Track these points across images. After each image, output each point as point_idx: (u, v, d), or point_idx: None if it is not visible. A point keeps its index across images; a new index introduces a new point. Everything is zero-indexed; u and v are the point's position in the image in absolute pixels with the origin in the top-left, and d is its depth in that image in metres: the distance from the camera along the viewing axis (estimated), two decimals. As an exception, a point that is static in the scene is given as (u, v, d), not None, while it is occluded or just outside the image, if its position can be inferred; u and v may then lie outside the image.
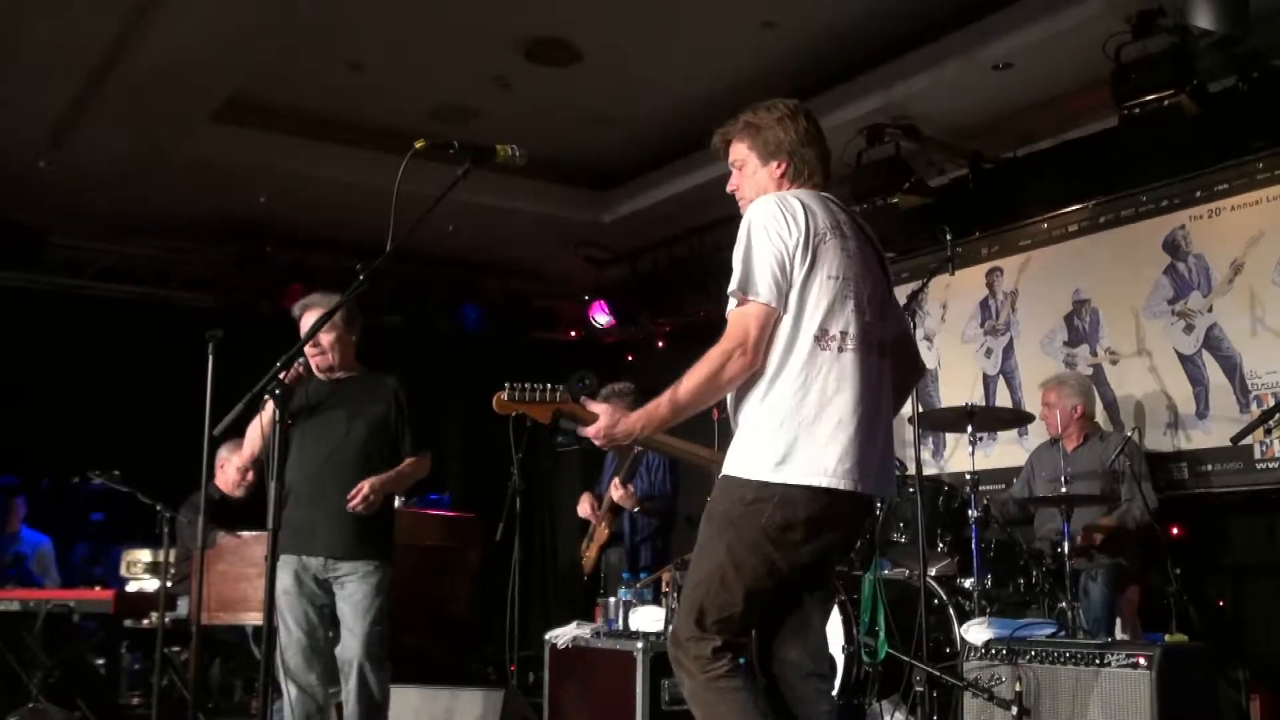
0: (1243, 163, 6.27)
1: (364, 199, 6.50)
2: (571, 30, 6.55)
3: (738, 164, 3.41)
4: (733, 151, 3.42)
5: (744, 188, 3.39)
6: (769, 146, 3.33)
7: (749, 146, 3.37)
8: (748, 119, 3.39)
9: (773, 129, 3.33)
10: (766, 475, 3.02)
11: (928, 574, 5.39)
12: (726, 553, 3.04)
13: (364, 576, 4.64)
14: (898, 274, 7.93)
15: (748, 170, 3.37)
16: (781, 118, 3.32)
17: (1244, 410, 6.12)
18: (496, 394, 3.29)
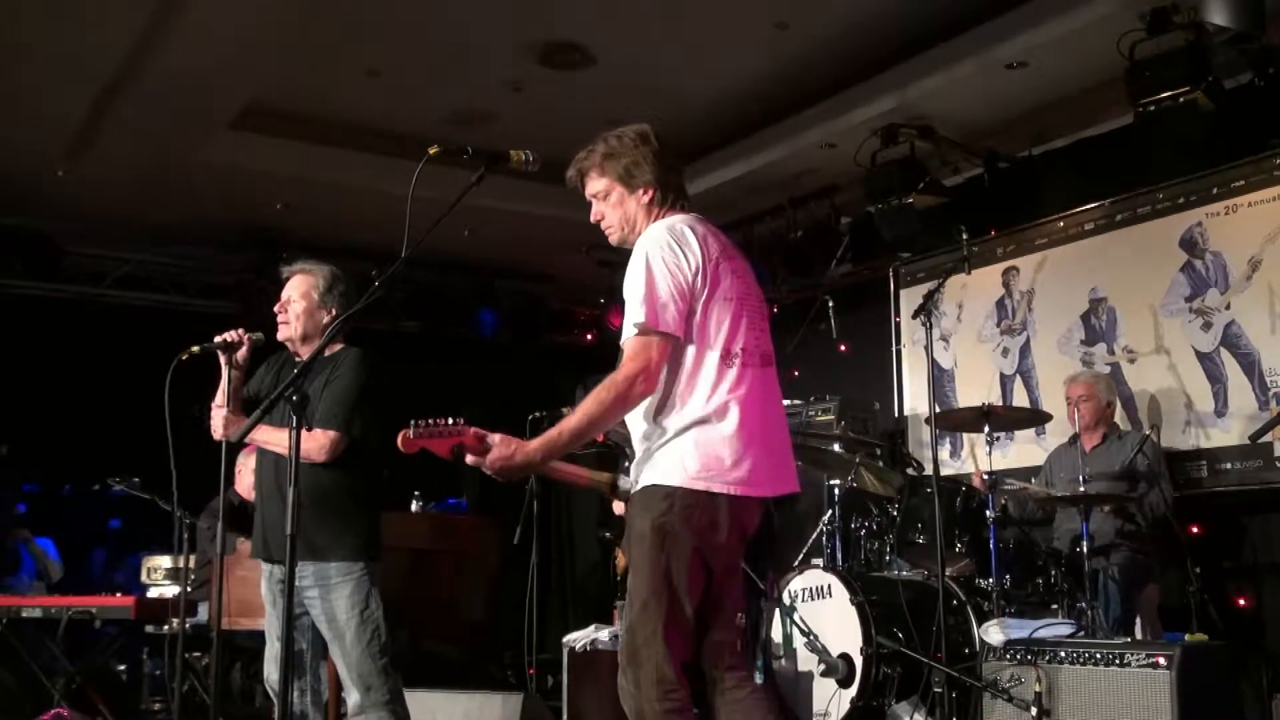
0: (1259, 159, 6.23)
1: (380, 204, 6.52)
2: (584, 34, 6.56)
3: (600, 195, 3.42)
4: (593, 183, 3.43)
5: (610, 218, 3.42)
6: (633, 174, 3.37)
7: (613, 176, 3.39)
8: (605, 149, 3.41)
9: (633, 155, 3.37)
10: (690, 483, 3.11)
11: (946, 574, 5.38)
12: (668, 564, 3.09)
13: (333, 585, 4.14)
14: (914, 274, 7.97)
15: (613, 200, 3.41)
16: (638, 144, 3.38)
17: (1263, 408, 6.08)
18: (402, 432, 3.26)
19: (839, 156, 7.44)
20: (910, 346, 7.91)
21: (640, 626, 3.09)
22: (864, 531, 6.12)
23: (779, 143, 7.57)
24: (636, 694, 3.08)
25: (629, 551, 3.18)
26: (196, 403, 4.54)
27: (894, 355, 7.98)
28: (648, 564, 3.10)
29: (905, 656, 5.29)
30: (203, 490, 5.77)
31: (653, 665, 3.06)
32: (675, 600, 3.07)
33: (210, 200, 8.29)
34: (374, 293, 3.31)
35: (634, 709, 3.09)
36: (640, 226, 3.36)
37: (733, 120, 7.58)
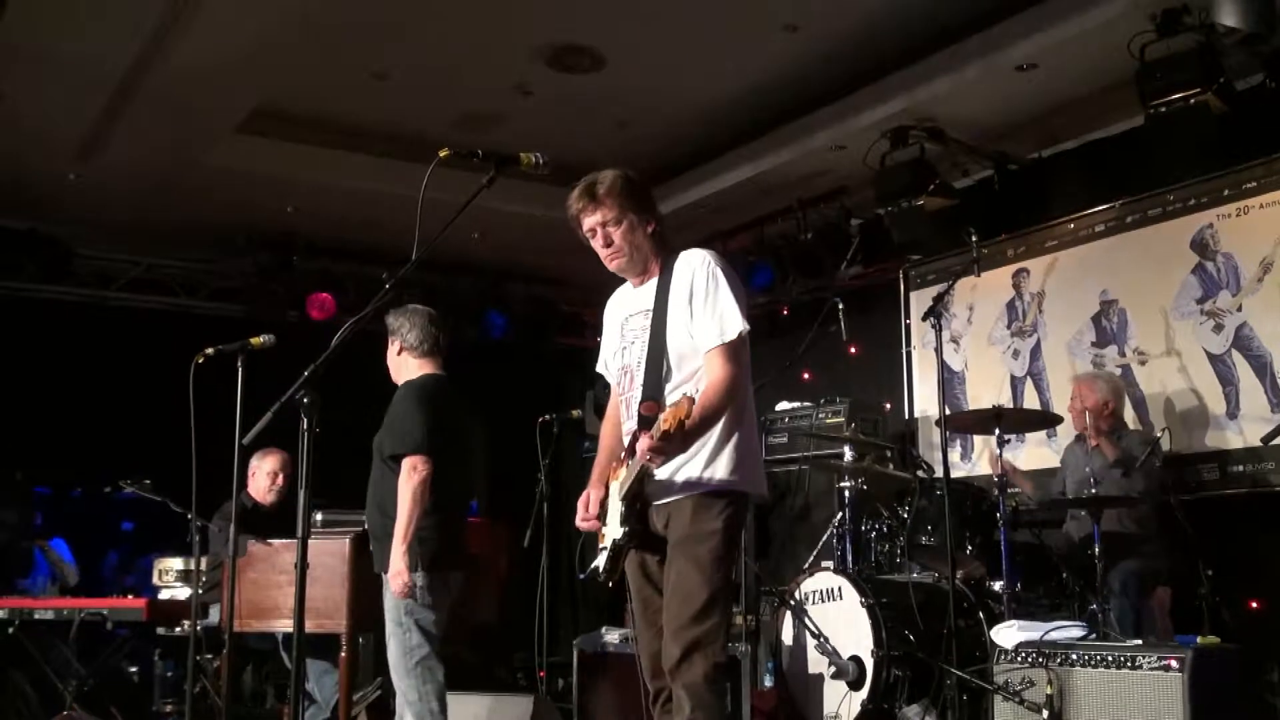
0: (1271, 160, 6.22)
1: (390, 207, 6.56)
2: (594, 37, 6.57)
3: (613, 221, 3.54)
4: (608, 210, 3.54)
5: (619, 244, 3.56)
6: (646, 205, 3.59)
7: (629, 206, 3.55)
8: (623, 175, 3.58)
9: (645, 190, 3.61)
10: (740, 486, 3.42)
11: (956, 577, 5.37)
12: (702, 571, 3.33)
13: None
14: (924, 276, 7.96)
15: (625, 228, 3.55)
16: (644, 181, 3.64)
17: (1275, 409, 6.07)
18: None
19: (849, 158, 7.43)
20: (920, 348, 7.90)
21: (705, 620, 3.29)
22: (875, 534, 6.12)
23: (789, 145, 7.56)
24: (699, 685, 3.26)
25: (681, 550, 3.35)
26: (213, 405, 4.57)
27: (904, 357, 7.97)
28: (713, 562, 3.33)
29: (916, 659, 5.29)
30: (215, 492, 5.78)
31: (714, 658, 3.29)
32: (731, 597, 3.37)
33: (220, 204, 8.32)
34: (385, 295, 3.31)
35: (693, 698, 3.25)
36: (647, 254, 3.60)
37: (742, 122, 7.58)
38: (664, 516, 3.45)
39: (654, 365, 3.46)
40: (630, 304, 3.68)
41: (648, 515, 3.47)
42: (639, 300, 3.64)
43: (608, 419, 3.78)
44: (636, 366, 3.54)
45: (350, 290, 9.16)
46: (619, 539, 3.46)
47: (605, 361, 3.79)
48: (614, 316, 3.75)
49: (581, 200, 3.56)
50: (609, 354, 3.75)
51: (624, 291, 3.77)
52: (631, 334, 3.61)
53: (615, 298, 3.81)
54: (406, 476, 4.51)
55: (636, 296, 3.66)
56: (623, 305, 3.73)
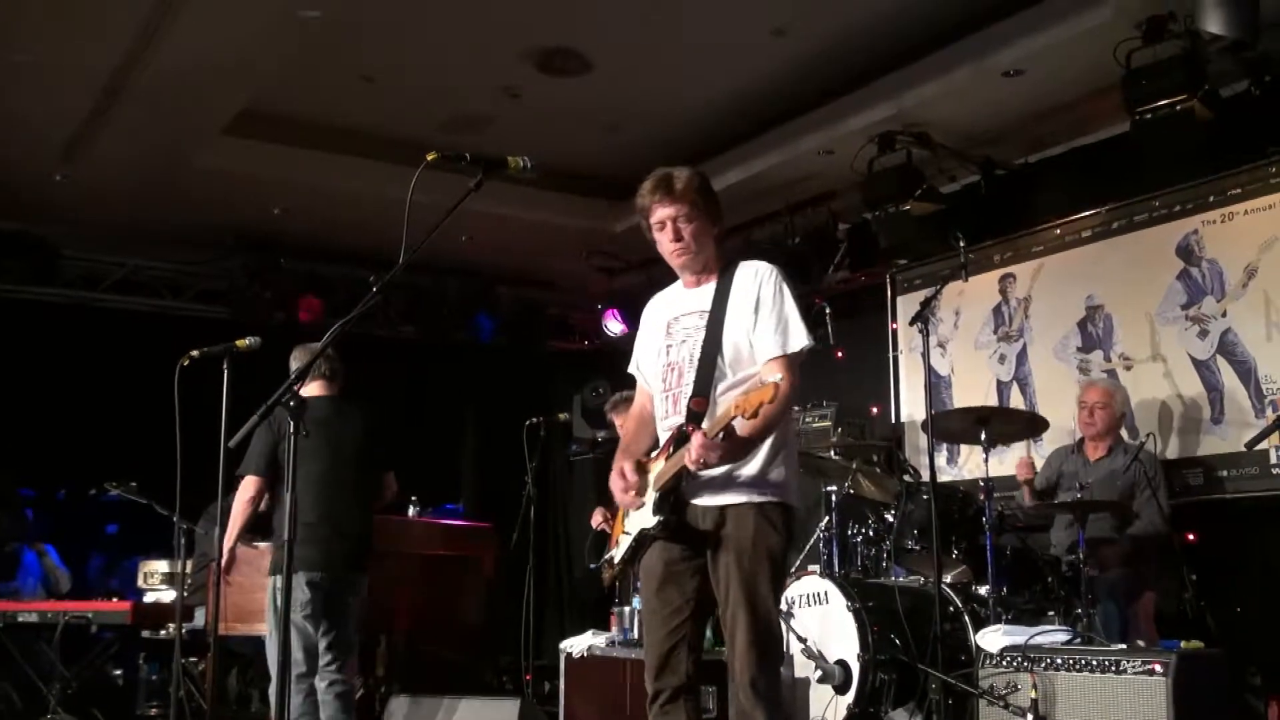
0: (1256, 166, 6.25)
1: (377, 210, 6.53)
2: (582, 40, 6.57)
3: (685, 217, 3.56)
4: (684, 206, 3.55)
5: (688, 240, 3.57)
6: (716, 209, 3.63)
7: (703, 206, 3.58)
8: (701, 175, 3.63)
9: (716, 195, 3.63)
10: (789, 499, 3.48)
11: (943, 581, 5.38)
12: (771, 585, 3.42)
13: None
14: (911, 280, 7.99)
15: (696, 229, 3.57)
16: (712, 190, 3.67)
17: (1259, 415, 6.10)
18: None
19: (837, 163, 7.44)
20: (907, 353, 7.92)
21: (775, 631, 3.45)
22: (861, 538, 6.13)
23: (777, 149, 7.57)
24: (775, 698, 3.39)
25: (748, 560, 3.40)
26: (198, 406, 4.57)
27: (891, 362, 7.99)
28: (773, 574, 3.43)
29: (902, 663, 5.30)
30: (201, 495, 5.76)
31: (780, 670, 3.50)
32: (776, 615, 3.46)
33: (206, 205, 8.29)
34: (372, 298, 3.31)
35: (766, 704, 3.34)
36: (709, 256, 3.62)
37: (730, 126, 7.59)
38: (713, 518, 3.45)
39: (707, 364, 3.49)
40: (680, 304, 3.69)
41: (683, 508, 3.48)
42: (693, 301, 3.64)
43: (634, 415, 3.81)
44: (688, 364, 3.55)
45: (337, 293, 9.15)
46: (650, 528, 3.46)
47: (639, 362, 3.80)
48: (658, 316, 3.75)
49: (658, 192, 3.57)
50: (646, 353, 3.75)
51: (672, 292, 3.78)
52: (683, 333, 3.61)
53: (660, 298, 3.81)
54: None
55: (689, 297, 3.67)
56: (670, 305, 3.73)
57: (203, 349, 4.57)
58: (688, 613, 3.48)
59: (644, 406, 3.76)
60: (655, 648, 3.49)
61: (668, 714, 3.44)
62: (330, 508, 5.19)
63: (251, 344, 4.47)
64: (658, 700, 3.47)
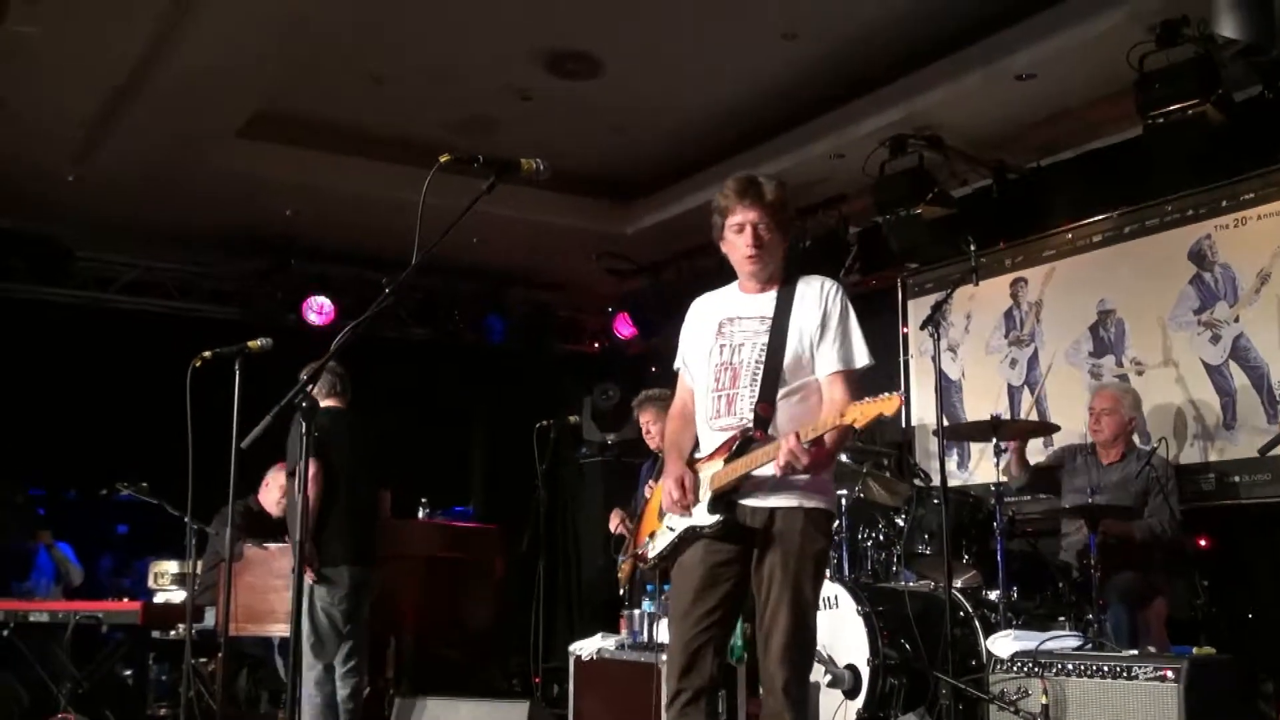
0: (1269, 171, 6.22)
1: (388, 211, 6.56)
2: (592, 43, 6.58)
3: (766, 226, 3.62)
4: (769, 213, 3.61)
5: (765, 245, 3.63)
6: (791, 223, 3.72)
7: (784, 217, 3.66)
8: (784, 186, 3.67)
9: (791, 205, 3.69)
10: (830, 506, 3.61)
11: (953, 586, 5.37)
12: (814, 590, 3.53)
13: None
14: (922, 284, 7.97)
15: (774, 238, 3.65)
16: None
17: (1272, 421, 6.07)
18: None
19: (848, 166, 7.44)
20: (918, 357, 7.90)
21: (811, 634, 3.53)
22: (871, 542, 6.12)
23: (788, 153, 7.57)
24: (805, 695, 3.48)
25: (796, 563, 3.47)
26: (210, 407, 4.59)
27: (901, 365, 7.97)
28: (817, 578, 3.55)
29: (912, 668, 5.29)
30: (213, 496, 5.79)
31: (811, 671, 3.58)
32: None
33: (219, 206, 8.31)
34: (384, 300, 3.31)
35: (796, 708, 3.42)
36: (777, 265, 3.69)
37: (741, 130, 7.59)
38: (762, 518, 3.52)
39: (772, 370, 3.56)
40: (737, 307, 3.74)
41: (736, 507, 3.54)
42: (753, 306, 3.70)
43: (677, 413, 3.86)
44: (745, 368, 3.61)
45: (349, 295, 9.16)
46: (706, 526, 3.52)
47: (685, 359, 3.86)
48: (709, 315, 3.80)
49: (745, 196, 3.62)
50: (695, 351, 3.79)
51: (726, 294, 3.83)
52: (740, 335, 3.67)
53: (711, 298, 3.87)
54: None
55: (748, 301, 3.73)
56: (724, 306, 3.78)
57: (215, 350, 4.59)
58: (720, 615, 3.52)
59: (686, 403, 3.82)
60: (684, 648, 3.51)
61: (687, 715, 3.46)
62: (356, 506, 5.49)
63: (264, 345, 4.49)
64: (678, 700, 3.48)
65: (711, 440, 3.64)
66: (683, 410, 3.83)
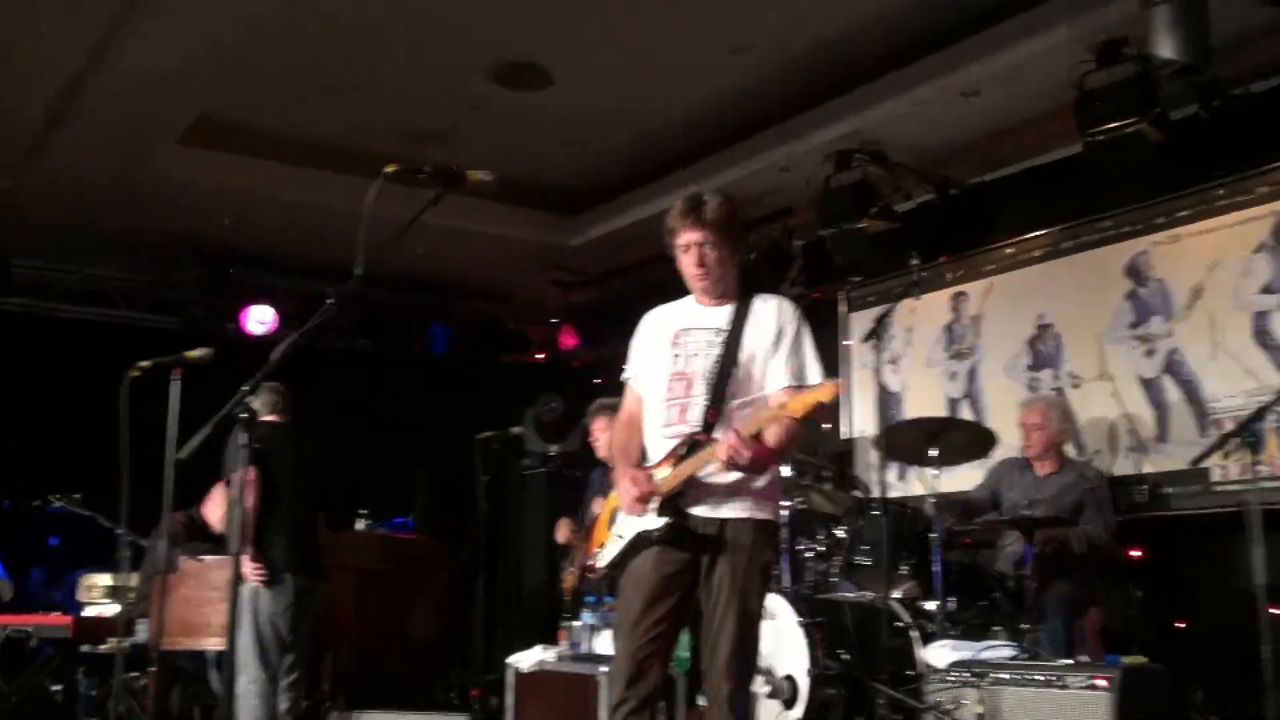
0: (1203, 189, 6.35)
1: (333, 221, 6.50)
2: (543, 55, 6.57)
3: (711, 245, 3.66)
4: (711, 233, 3.65)
5: (713, 266, 3.68)
6: (740, 237, 3.76)
7: (729, 234, 3.69)
8: (730, 203, 3.70)
9: (741, 219, 3.73)
10: (778, 518, 3.68)
11: (892, 597, 5.41)
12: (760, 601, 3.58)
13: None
14: (864, 297, 8.03)
15: (720, 256, 3.69)
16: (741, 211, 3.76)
17: (1203, 434, 6.17)
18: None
19: (794, 180, 7.48)
20: (860, 369, 7.95)
21: (755, 644, 3.58)
22: (812, 553, 6.14)
23: (735, 165, 7.60)
24: (747, 705, 3.53)
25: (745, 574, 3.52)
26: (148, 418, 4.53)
27: (843, 378, 8.02)
28: (764, 590, 3.61)
29: (850, 678, 5.31)
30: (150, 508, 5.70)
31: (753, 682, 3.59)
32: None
33: (161, 214, 8.20)
34: (327, 311, 3.28)
35: (742, 716, 3.49)
36: (730, 283, 3.75)
37: (689, 143, 7.61)
38: (714, 528, 3.57)
39: (723, 378, 3.61)
40: (692, 319, 3.79)
41: (685, 514, 3.57)
42: (708, 318, 3.75)
43: (625, 421, 3.88)
44: (699, 377, 3.65)
45: (291, 304, 9.07)
46: (655, 529, 3.54)
47: (638, 369, 3.88)
48: (664, 326, 3.84)
49: (688, 217, 3.66)
50: (647, 361, 3.83)
51: (681, 306, 3.87)
52: (696, 345, 3.71)
53: (666, 310, 3.91)
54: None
55: (703, 314, 3.78)
56: (679, 318, 3.83)
57: (153, 360, 4.53)
58: (668, 625, 3.55)
59: (633, 412, 3.85)
60: (632, 655, 3.52)
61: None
62: (299, 516, 5.50)
63: (203, 355, 4.43)
64: (622, 708, 3.50)
65: (662, 449, 3.67)
66: (630, 419, 3.85)
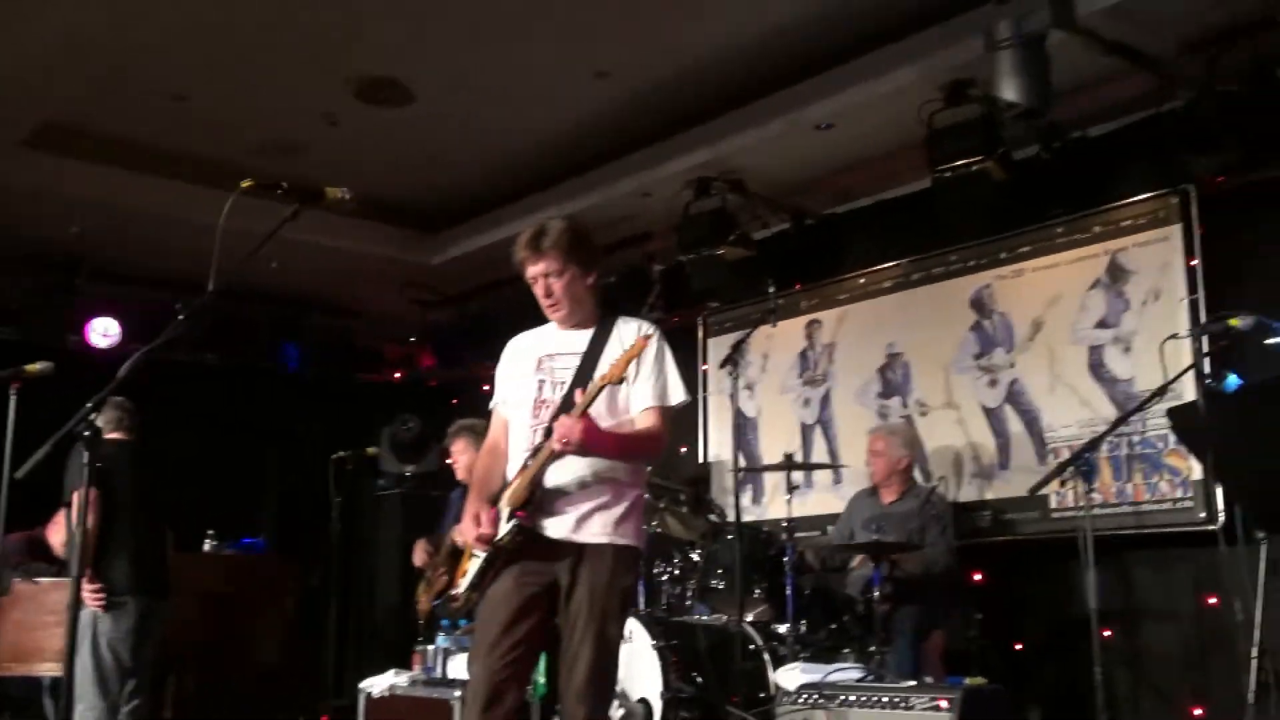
0: (1043, 227, 6.62)
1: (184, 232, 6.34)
2: (404, 71, 6.52)
3: (555, 273, 3.65)
4: (552, 261, 3.65)
5: (559, 295, 3.67)
6: (589, 258, 3.71)
7: (573, 259, 3.66)
8: (570, 228, 3.69)
9: (589, 242, 3.72)
10: (640, 544, 3.64)
11: (744, 620, 5.48)
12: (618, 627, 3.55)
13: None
14: (722, 323, 8.14)
15: (566, 280, 3.66)
16: (589, 233, 3.76)
17: (1042, 462, 6.42)
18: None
19: (654, 205, 7.56)
20: (716, 394, 8.05)
21: (613, 671, 3.57)
22: (667, 577, 6.19)
23: (596, 188, 7.65)
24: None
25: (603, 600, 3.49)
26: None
27: (700, 402, 8.11)
28: (622, 616, 3.59)
29: (703, 701, 5.36)
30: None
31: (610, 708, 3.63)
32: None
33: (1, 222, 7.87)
34: (177, 327, 3.20)
35: None
36: (588, 307, 3.74)
37: (551, 164, 7.63)
38: (573, 552, 3.53)
39: (574, 399, 3.58)
40: (555, 343, 3.78)
41: (535, 521, 3.54)
42: (570, 342, 3.74)
43: (489, 449, 3.84)
44: (561, 402, 3.62)
45: (136, 317, 8.78)
46: (503, 536, 3.50)
47: (503, 395, 3.85)
48: (528, 353, 3.81)
49: (526, 250, 3.66)
50: (512, 387, 3.80)
51: (543, 332, 3.85)
52: (562, 371, 3.69)
53: (530, 335, 3.88)
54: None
55: (566, 338, 3.76)
56: (541, 344, 3.81)
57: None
58: (526, 648, 3.52)
59: (498, 441, 3.81)
60: (490, 678, 3.47)
61: None
62: (141, 536, 5.33)
63: (43, 369, 4.28)
64: None
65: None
66: (494, 448, 3.82)
